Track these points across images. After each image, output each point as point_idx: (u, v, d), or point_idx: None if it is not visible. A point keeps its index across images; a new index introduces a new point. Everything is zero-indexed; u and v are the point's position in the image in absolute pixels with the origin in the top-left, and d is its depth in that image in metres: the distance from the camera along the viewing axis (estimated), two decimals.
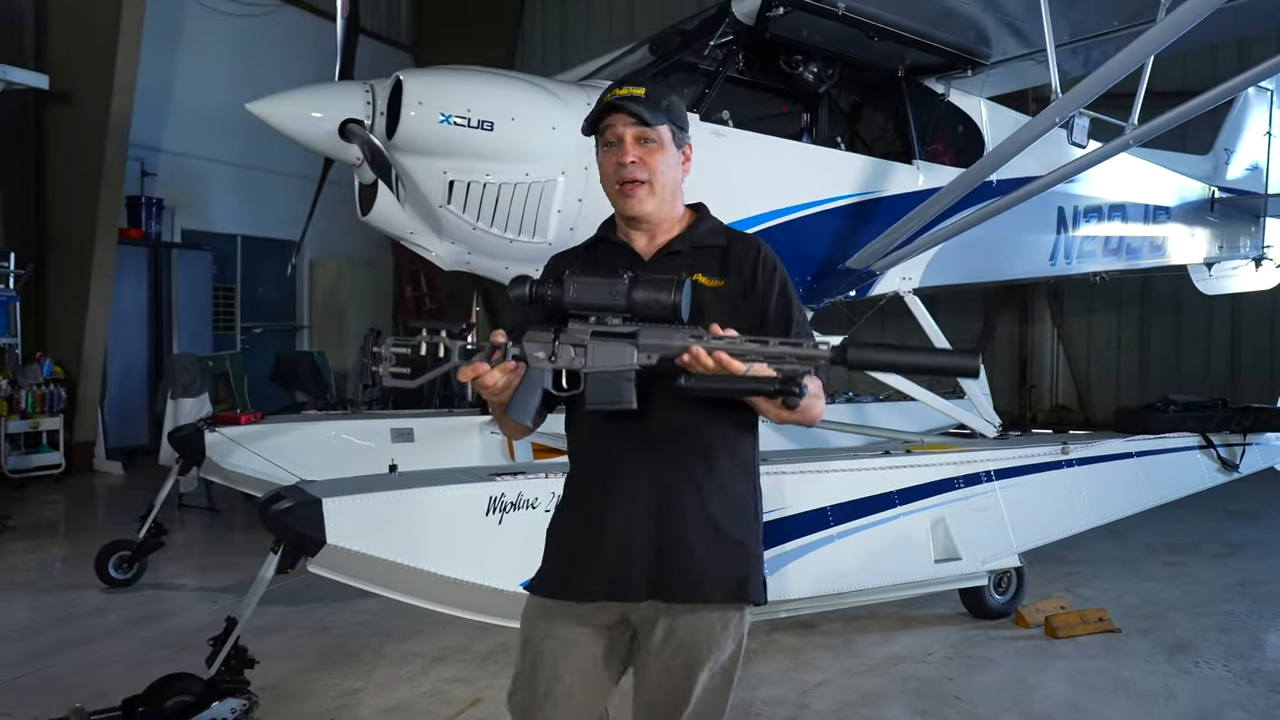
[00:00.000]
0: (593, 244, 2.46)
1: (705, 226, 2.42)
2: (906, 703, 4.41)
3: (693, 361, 2.00)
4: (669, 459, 2.26)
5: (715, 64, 5.79)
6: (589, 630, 2.29)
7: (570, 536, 2.33)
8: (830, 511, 4.68)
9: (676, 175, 2.38)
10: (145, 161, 11.44)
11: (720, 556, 2.25)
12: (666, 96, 2.37)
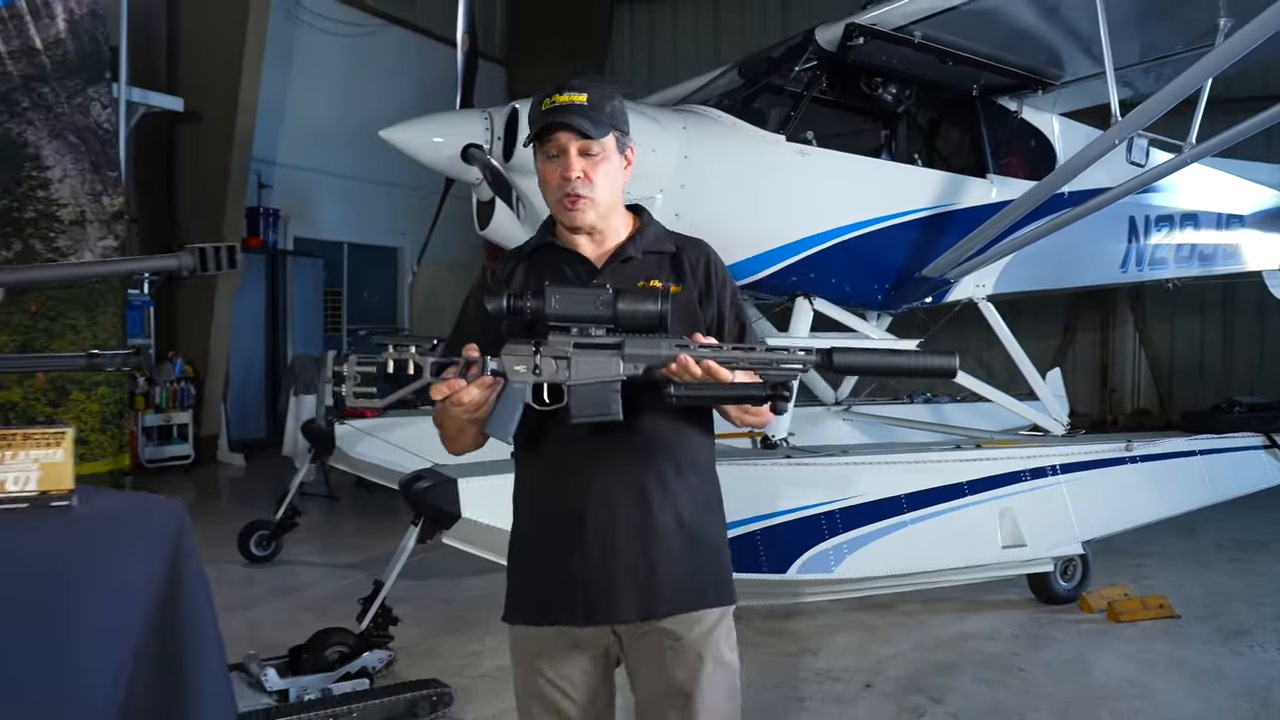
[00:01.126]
0: (538, 248, 2.37)
1: (652, 231, 2.36)
2: (973, 673, 4.85)
3: (681, 371, 2.00)
4: (639, 469, 2.21)
5: (800, 87, 6.27)
6: (584, 654, 2.27)
7: (547, 557, 2.25)
8: (904, 499, 5.14)
9: (619, 184, 2.30)
10: (262, 174, 12.23)
11: (701, 564, 2.24)
12: (610, 100, 2.27)
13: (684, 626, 2.20)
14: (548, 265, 2.30)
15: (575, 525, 2.20)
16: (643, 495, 2.20)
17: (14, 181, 7.52)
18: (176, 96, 10.09)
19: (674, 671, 2.21)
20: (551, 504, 2.25)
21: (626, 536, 2.18)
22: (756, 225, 5.94)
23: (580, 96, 2.20)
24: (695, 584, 2.21)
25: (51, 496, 1.77)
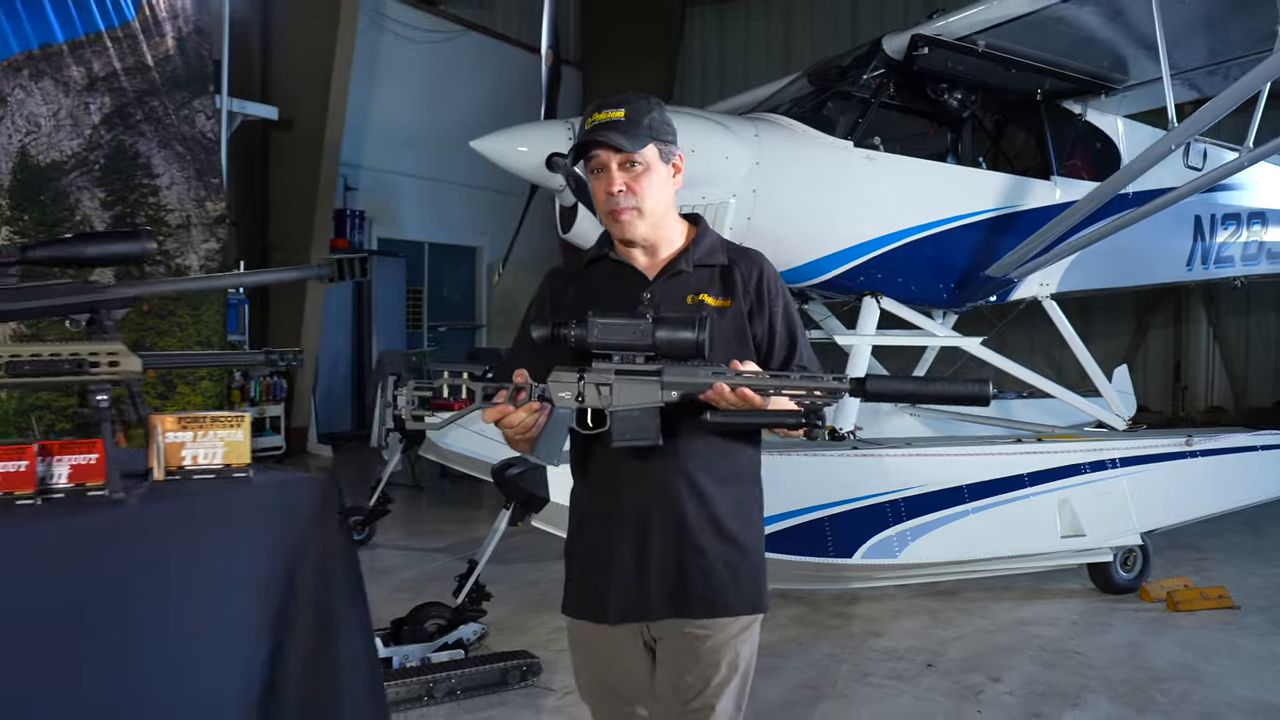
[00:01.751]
0: (593, 260, 2.42)
1: (706, 243, 2.39)
2: (1030, 655, 5.09)
3: (717, 398, 2.07)
4: (678, 474, 2.27)
5: (867, 94, 6.54)
6: (625, 647, 2.37)
7: (589, 557, 2.38)
8: (966, 490, 5.39)
9: (667, 194, 2.33)
10: (348, 177, 12.74)
11: (735, 570, 2.30)
12: (647, 113, 2.29)
13: (711, 630, 2.29)
14: (600, 277, 2.37)
15: (613, 530, 2.30)
16: (679, 504, 2.26)
17: (127, 189, 8.05)
18: (271, 105, 10.60)
19: (692, 671, 2.30)
20: (594, 508, 2.37)
21: (661, 542, 2.26)
22: (825, 227, 6.21)
23: (618, 113, 2.24)
24: (728, 590, 2.28)
25: (233, 469, 2.14)
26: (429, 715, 4.25)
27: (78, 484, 1.92)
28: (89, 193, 7.79)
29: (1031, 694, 4.59)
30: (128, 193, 8.07)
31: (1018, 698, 4.54)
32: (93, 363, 1.93)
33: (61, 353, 1.90)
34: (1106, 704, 4.47)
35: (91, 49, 7.79)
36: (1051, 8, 5.82)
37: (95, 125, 7.83)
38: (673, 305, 2.29)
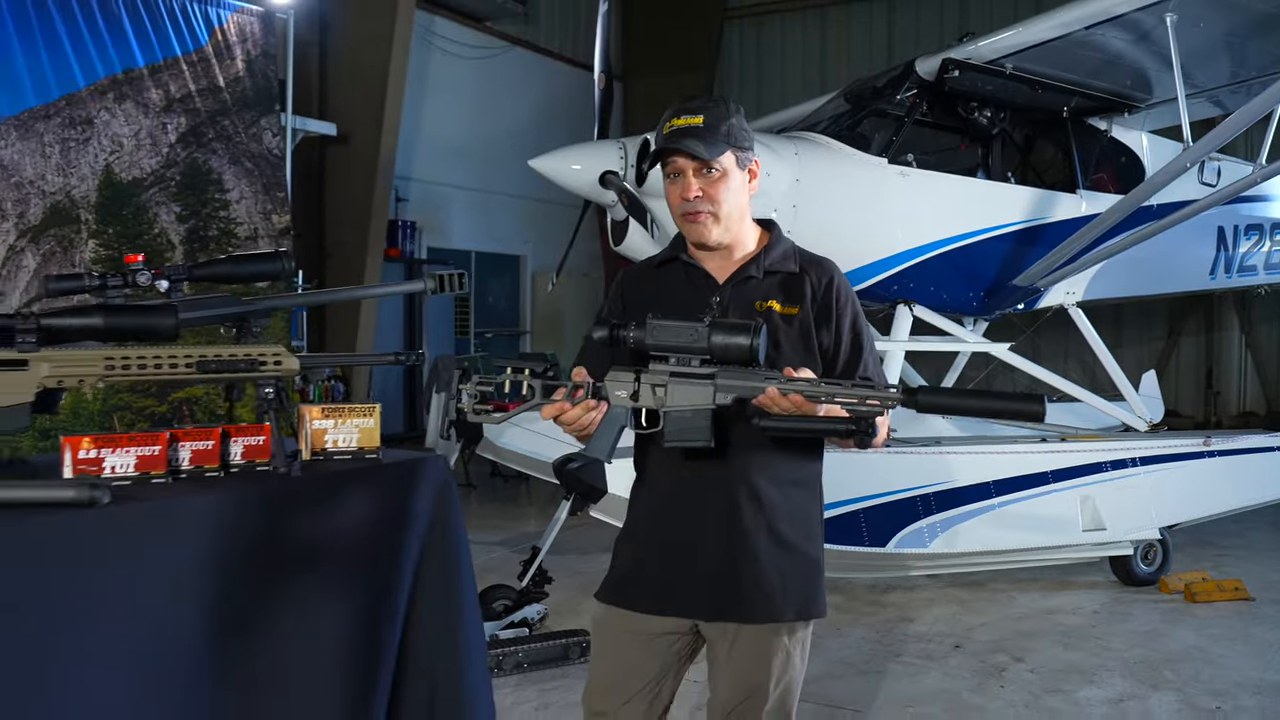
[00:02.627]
0: (666, 261, 2.47)
1: (779, 250, 2.41)
2: (1053, 639, 5.46)
3: (769, 403, 2.06)
4: (737, 477, 2.30)
5: (901, 113, 6.92)
6: (656, 640, 2.39)
7: (641, 549, 2.41)
8: (993, 485, 5.76)
9: (742, 199, 2.35)
10: (399, 189, 13.24)
11: (788, 574, 2.30)
12: (726, 119, 2.31)
13: (763, 634, 2.30)
14: (672, 279, 2.42)
15: (666, 527, 2.36)
16: (734, 507, 2.29)
17: (200, 203, 8.55)
18: (329, 122, 11.11)
19: (744, 673, 2.33)
20: (651, 506, 2.42)
21: (714, 543, 2.29)
22: (861, 240, 6.60)
23: (696, 119, 2.27)
24: (781, 596, 2.29)
25: (366, 451, 2.57)
26: (499, 686, 4.66)
27: (249, 460, 2.35)
28: (166, 207, 8.28)
29: (1052, 672, 4.95)
30: (201, 207, 8.57)
31: (1039, 675, 4.91)
32: (261, 361, 2.37)
33: (238, 353, 2.34)
34: (1121, 681, 4.84)
35: (169, 72, 8.29)
36: (1075, 33, 6.19)
37: (172, 144, 8.33)
38: (741, 310, 2.32)
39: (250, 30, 8.96)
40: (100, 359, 2.21)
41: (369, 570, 2.49)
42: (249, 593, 2.20)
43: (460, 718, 2.67)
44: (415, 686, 2.64)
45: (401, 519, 2.57)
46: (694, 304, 2.32)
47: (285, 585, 2.29)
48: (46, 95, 7.50)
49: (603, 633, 2.51)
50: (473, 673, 2.72)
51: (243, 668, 2.19)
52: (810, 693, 4.62)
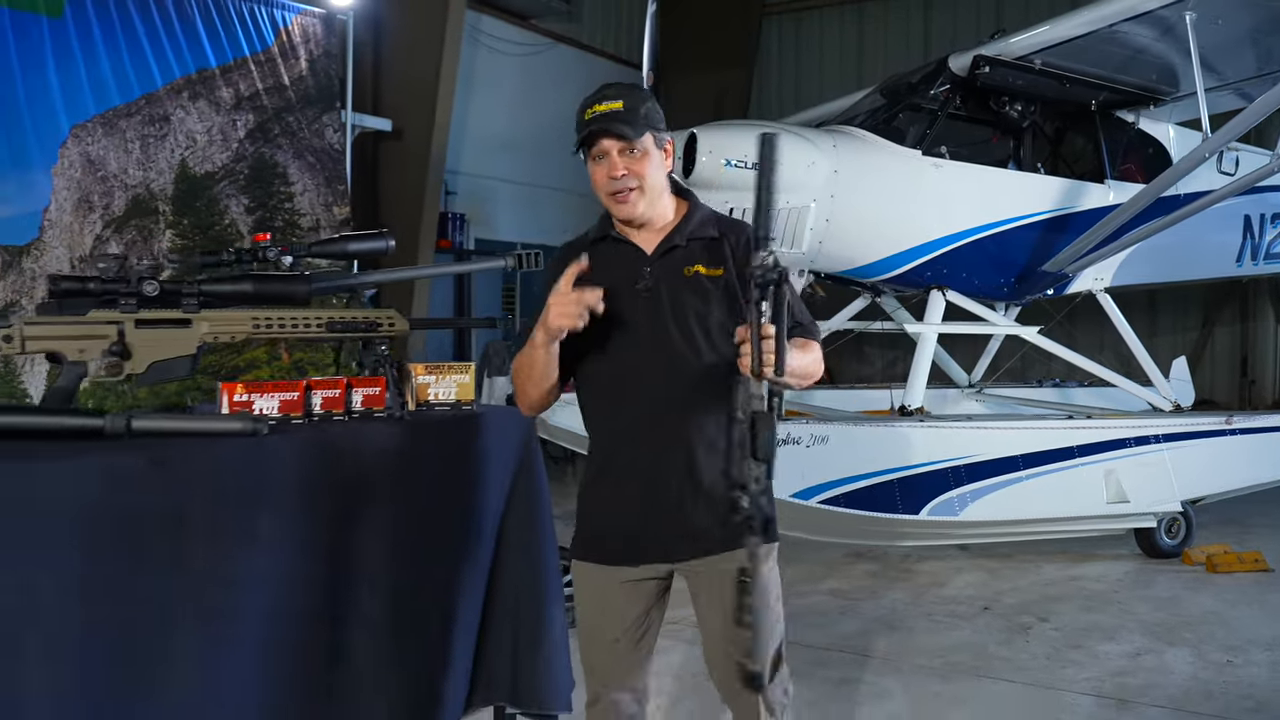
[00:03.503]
0: (598, 239, 2.56)
1: (698, 218, 2.53)
2: (1077, 603, 5.79)
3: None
4: (685, 422, 2.44)
5: (935, 107, 7.25)
6: (631, 585, 2.52)
7: (606, 504, 2.54)
8: (1020, 459, 6.10)
9: (661, 176, 2.50)
10: (448, 182, 13.68)
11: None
12: (643, 104, 2.45)
13: (733, 559, 2.27)
14: (606, 257, 2.48)
15: (628, 477, 2.48)
16: (689, 455, 2.43)
17: (267, 196, 9.02)
18: (384, 118, 11.57)
19: (726, 597, 2.31)
20: (611, 462, 2.53)
21: (673, 491, 2.43)
22: (896, 228, 6.95)
23: (616, 104, 2.41)
24: (732, 527, 2.29)
25: (462, 403, 2.98)
26: None
27: (367, 408, 2.76)
28: (235, 200, 8.76)
29: (1074, 630, 5.30)
30: (267, 199, 9.03)
31: (1062, 633, 5.26)
32: (378, 324, 2.78)
33: (359, 316, 2.76)
34: (1140, 638, 5.17)
35: (238, 72, 8.76)
36: (1101, 30, 6.50)
37: (241, 140, 8.80)
38: (671, 278, 2.47)
39: (313, 31, 9.42)
40: (248, 319, 2.63)
41: (464, 509, 2.90)
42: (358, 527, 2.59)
43: (539, 654, 3.07)
44: (500, 624, 3.04)
45: (492, 462, 2.98)
46: (628, 275, 2.47)
47: (391, 521, 2.69)
48: (128, 94, 7.98)
49: (583, 586, 2.63)
50: (551, 611, 3.12)
51: (351, 596, 2.59)
52: (847, 644, 5.03)
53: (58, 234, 7.66)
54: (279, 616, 2.40)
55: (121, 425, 2.21)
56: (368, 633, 2.62)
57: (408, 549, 2.71)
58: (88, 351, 2.48)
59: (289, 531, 2.41)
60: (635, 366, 2.47)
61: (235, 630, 2.30)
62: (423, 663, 2.81)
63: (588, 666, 2.66)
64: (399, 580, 2.69)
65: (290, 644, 2.42)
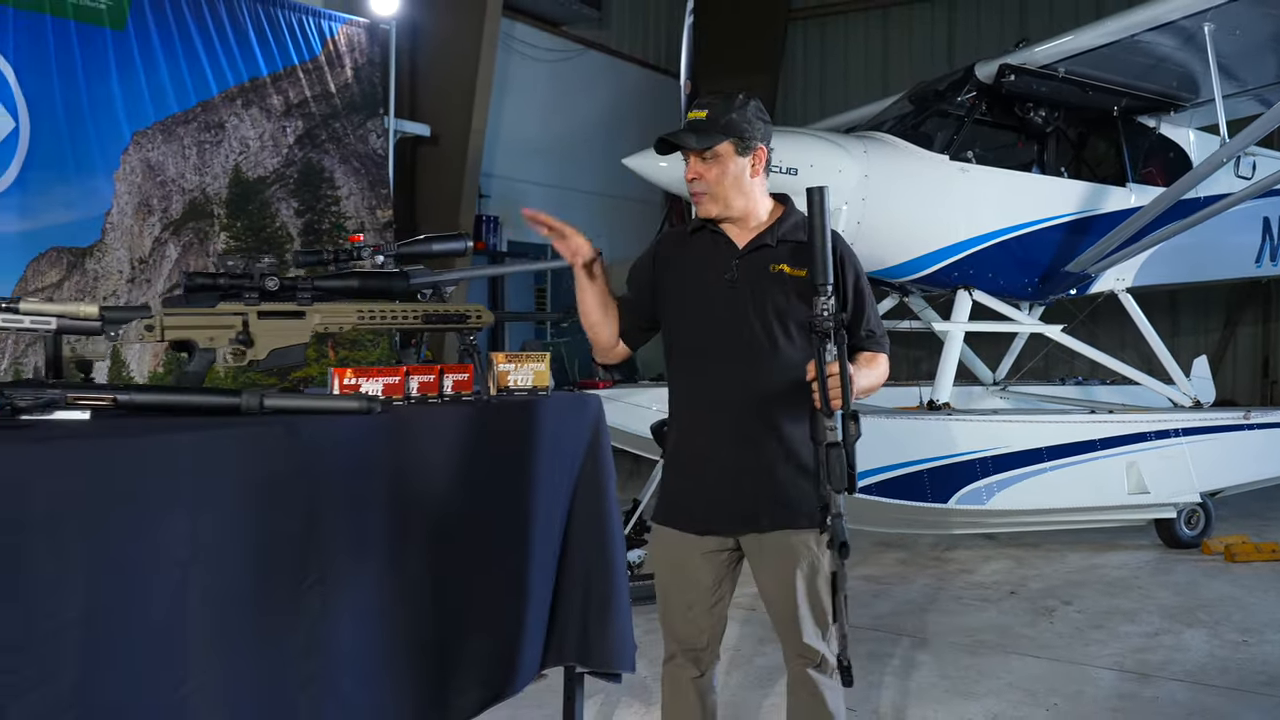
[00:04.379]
0: (697, 229, 2.80)
1: (790, 221, 2.72)
2: (1098, 588, 6.06)
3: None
4: (760, 411, 2.64)
5: (962, 113, 7.53)
6: (704, 556, 2.76)
7: (682, 476, 2.80)
8: (1044, 451, 6.37)
9: (741, 180, 2.66)
10: (482, 185, 14.01)
11: (802, 490, 2.62)
12: (727, 114, 2.62)
13: (787, 537, 2.66)
14: (701, 245, 2.76)
15: (704, 454, 2.73)
16: (756, 440, 2.65)
17: (315, 199, 9.36)
18: (422, 123, 11.91)
19: (781, 569, 2.69)
20: (686, 431, 2.80)
21: (740, 471, 2.66)
22: (924, 230, 7.23)
23: (701, 114, 2.64)
24: (797, 506, 2.64)
25: (538, 389, 3.28)
26: None
27: (457, 392, 3.07)
28: (285, 203, 9.10)
29: (1096, 613, 5.57)
30: (315, 202, 9.38)
31: (1084, 615, 5.53)
32: (467, 316, 3.09)
33: (450, 309, 3.06)
34: (1159, 620, 5.44)
35: (288, 80, 9.11)
36: (1123, 40, 6.76)
37: (290, 145, 9.15)
38: (757, 272, 2.68)
39: (358, 40, 9.77)
40: (354, 311, 2.95)
41: (540, 485, 3.20)
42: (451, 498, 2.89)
43: (606, 619, 3.35)
44: (571, 592, 3.33)
45: (565, 443, 3.28)
46: (718, 265, 2.72)
47: (477, 493, 2.99)
48: (186, 102, 8.34)
49: (661, 551, 2.88)
50: (617, 579, 3.41)
51: (445, 561, 2.88)
52: (880, 624, 5.31)
53: (119, 236, 8.02)
54: (386, 575, 2.71)
55: (255, 403, 2.52)
56: (458, 596, 2.93)
57: (490, 521, 3.02)
58: (216, 340, 2.79)
59: (394, 498, 2.73)
60: (715, 350, 2.72)
61: (353, 585, 2.61)
62: (504, 625, 3.11)
63: (665, 627, 2.92)
64: (484, 549, 2.99)
65: (397, 601, 2.73)
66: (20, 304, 2.22)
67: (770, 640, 4.92)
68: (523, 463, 3.13)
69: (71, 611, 2.04)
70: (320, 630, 2.53)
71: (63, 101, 7.54)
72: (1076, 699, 4.28)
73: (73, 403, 2.35)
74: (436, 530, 2.85)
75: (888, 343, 2.88)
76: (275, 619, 2.44)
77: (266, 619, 2.43)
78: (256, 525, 2.38)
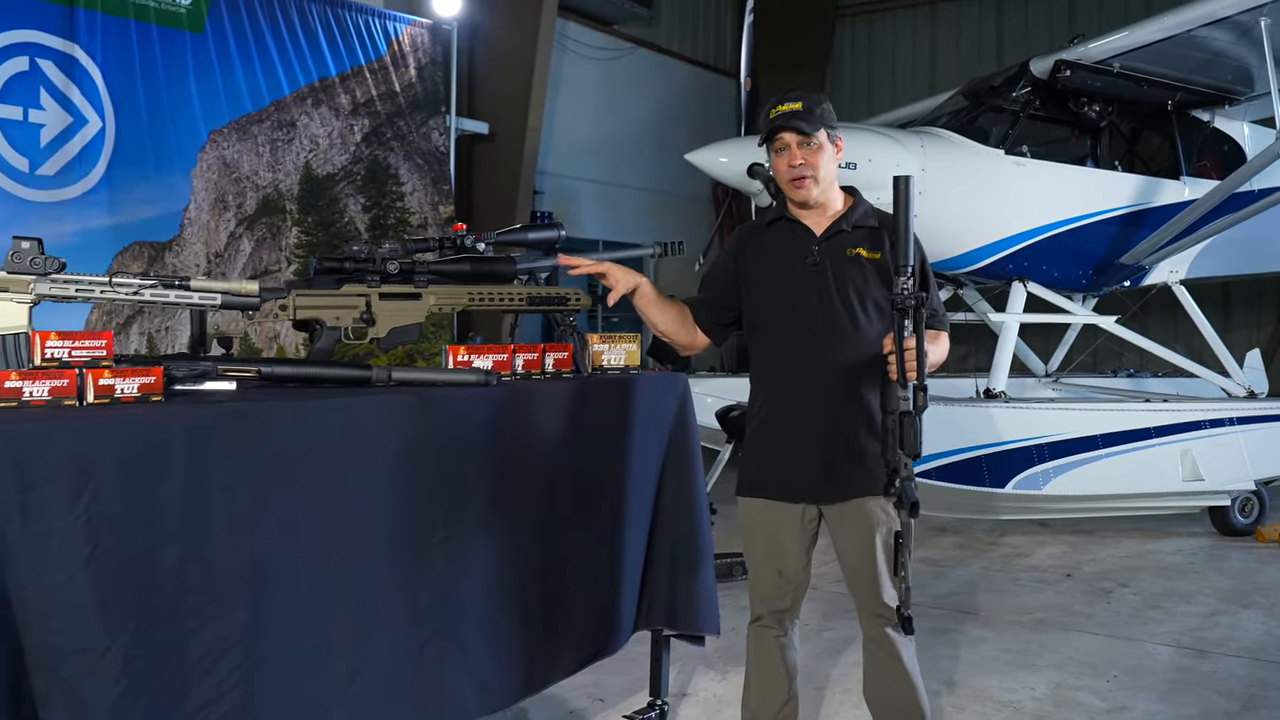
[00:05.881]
0: (774, 220, 3.01)
1: (860, 210, 2.94)
2: (1153, 571, 6.20)
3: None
4: (843, 384, 2.85)
5: (1017, 108, 7.67)
6: (792, 522, 2.95)
7: (768, 448, 2.98)
8: (1100, 438, 6.51)
9: (833, 167, 2.90)
10: (536, 182, 14.28)
11: (880, 460, 2.74)
12: (819, 105, 2.87)
13: (865, 503, 2.86)
14: (781, 235, 2.96)
15: (784, 431, 2.93)
16: (835, 413, 2.85)
17: (381, 195, 9.66)
18: (481, 121, 12.18)
19: (860, 534, 2.89)
20: (773, 407, 2.97)
21: (821, 441, 2.86)
22: (980, 223, 7.37)
23: (797, 105, 2.85)
24: (875, 473, 2.79)
25: (630, 368, 3.50)
26: None
27: (558, 369, 3.30)
28: (353, 199, 9.41)
29: (1153, 594, 5.71)
30: (381, 198, 9.68)
31: (1140, 596, 5.67)
32: (567, 298, 3.31)
33: (553, 292, 3.29)
34: (1214, 602, 5.57)
35: (355, 80, 9.41)
36: (1179, 35, 6.88)
37: (358, 143, 9.45)
38: (836, 256, 2.88)
39: (421, 41, 10.06)
40: (465, 293, 3.18)
41: (632, 458, 3.41)
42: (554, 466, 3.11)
43: (694, 585, 3.55)
44: (660, 559, 3.54)
45: (655, 418, 3.49)
46: (799, 252, 2.92)
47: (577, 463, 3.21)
48: (260, 102, 8.66)
49: (749, 521, 3.06)
50: (704, 547, 3.61)
51: (548, 525, 3.10)
52: (940, 602, 5.49)
53: (196, 231, 8.35)
54: (501, 536, 2.94)
55: (385, 376, 2.76)
56: (563, 557, 3.16)
57: (590, 489, 3.23)
58: (342, 319, 3.04)
59: (508, 464, 2.95)
60: (799, 330, 2.92)
61: (472, 544, 2.84)
62: (603, 588, 3.33)
63: (754, 591, 3.12)
64: (585, 515, 3.22)
65: (511, 561, 2.96)
66: (191, 282, 2.46)
67: (835, 615, 5.14)
68: (618, 435, 3.35)
69: (242, 559, 2.29)
70: (445, 585, 2.77)
71: (145, 102, 7.89)
72: (1136, 672, 4.44)
73: (222, 374, 2.60)
74: (544, 495, 3.08)
75: (948, 322, 3.10)
76: (407, 574, 2.68)
77: (400, 573, 2.66)
78: (394, 486, 2.62)
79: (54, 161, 7.34)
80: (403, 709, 2.67)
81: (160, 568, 2.14)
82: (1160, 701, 4.11)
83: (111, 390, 2.29)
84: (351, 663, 2.53)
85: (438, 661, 2.75)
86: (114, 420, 2.16)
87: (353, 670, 2.52)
